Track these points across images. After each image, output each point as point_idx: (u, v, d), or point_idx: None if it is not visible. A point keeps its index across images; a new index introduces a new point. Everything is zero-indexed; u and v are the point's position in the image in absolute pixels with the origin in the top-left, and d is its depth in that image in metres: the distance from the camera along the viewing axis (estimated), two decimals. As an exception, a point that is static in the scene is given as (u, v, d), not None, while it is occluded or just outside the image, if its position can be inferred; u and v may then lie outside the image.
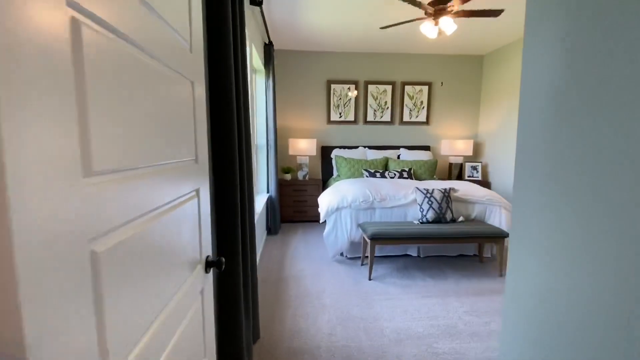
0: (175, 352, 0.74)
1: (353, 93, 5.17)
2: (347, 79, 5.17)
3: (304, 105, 5.16)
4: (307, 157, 4.89)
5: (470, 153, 5.20)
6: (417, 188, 3.27)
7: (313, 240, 4.04)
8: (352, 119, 5.25)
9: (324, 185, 5.12)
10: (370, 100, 5.25)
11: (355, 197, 3.26)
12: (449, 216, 3.19)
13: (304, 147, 4.77)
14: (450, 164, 5.30)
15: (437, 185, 3.63)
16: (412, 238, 2.90)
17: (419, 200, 3.21)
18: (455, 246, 3.45)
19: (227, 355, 1.43)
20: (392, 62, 5.23)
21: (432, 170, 4.73)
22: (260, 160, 4.21)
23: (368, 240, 2.90)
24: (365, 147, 5.22)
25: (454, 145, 5.15)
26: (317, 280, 2.92)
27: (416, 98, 5.32)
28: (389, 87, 5.24)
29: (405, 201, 3.28)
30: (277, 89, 5.07)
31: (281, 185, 4.74)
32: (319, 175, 5.32)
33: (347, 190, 3.40)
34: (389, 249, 3.45)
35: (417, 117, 5.37)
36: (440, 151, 5.49)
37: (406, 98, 5.30)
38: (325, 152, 5.19)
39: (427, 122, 5.39)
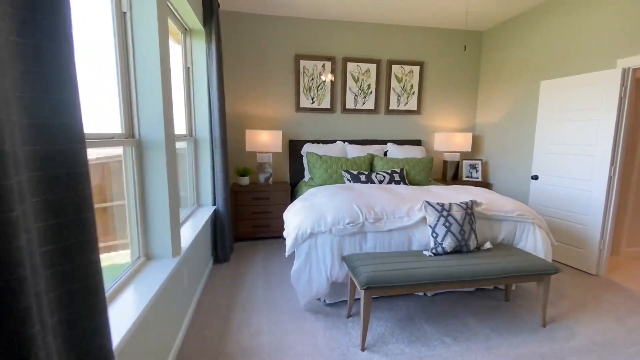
0: None
1: (328, 77, 4.06)
2: (321, 54, 4.05)
3: (266, 86, 3.97)
4: (270, 154, 3.74)
5: (468, 149, 4.31)
6: (428, 203, 2.25)
7: (278, 269, 2.92)
8: (328, 105, 4.15)
9: (293, 191, 3.99)
10: (350, 82, 4.17)
11: (337, 217, 2.19)
12: (472, 244, 2.21)
13: (265, 142, 3.61)
14: (445, 162, 4.39)
15: (453, 196, 2.64)
16: (427, 284, 1.88)
17: (431, 220, 2.20)
18: (473, 280, 2.49)
19: None
20: (377, 35, 4.17)
21: (428, 171, 3.78)
22: (201, 159, 3.00)
23: (360, 289, 1.84)
24: (344, 141, 4.16)
25: (449, 139, 4.23)
26: (279, 356, 1.83)
27: (405, 81, 4.33)
28: (372, 67, 4.19)
29: (409, 222, 2.26)
30: (228, 64, 3.84)
31: (235, 192, 3.56)
32: (286, 177, 4.19)
33: (326, 206, 2.32)
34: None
35: (406, 104, 4.38)
36: (433, 146, 4.56)
37: (393, 81, 4.29)
38: (294, 147, 4.06)
39: (417, 111, 4.42)
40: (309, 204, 2.42)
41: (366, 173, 3.41)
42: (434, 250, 2.16)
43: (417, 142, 4.41)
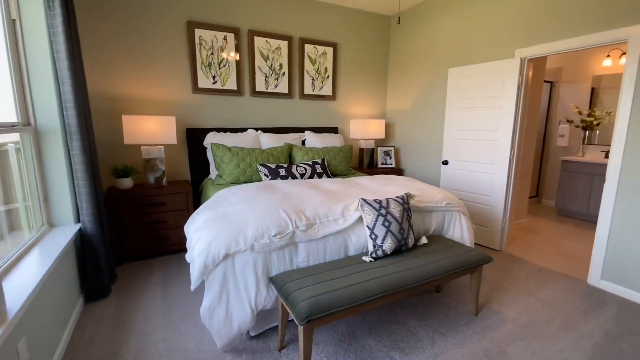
0: None
1: (231, 56, 3.40)
2: (221, 23, 3.34)
3: (150, 59, 3.08)
4: (161, 147, 2.93)
5: (382, 136, 4.28)
6: (365, 201, 1.95)
7: (182, 297, 2.27)
8: (234, 87, 3.50)
9: (197, 193, 3.27)
10: (259, 60, 3.59)
11: (261, 229, 1.70)
12: (411, 241, 2.02)
13: (153, 131, 2.79)
14: (362, 150, 4.28)
15: (382, 189, 2.42)
16: (374, 299, 1.58)
17: (369, 220, 1.91)
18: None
19: None
20: (287, 8, 3.68)
21: (348, 160, 3.56)
22: (48, 159, 2.06)
23: (299, 324, 1.42)
24: (257, 129, 3.60)
25: (365, 126, 4.11)
26: None
27: (319, 63, 3.98)
28: (284, 44, 3.70)
29: (345, 224, 1.93)
30: (91, 25, 2.80)
31: (113, 200, 2.67)
32: (186, 174, 3.41)
33: (244, 215, 1.79)
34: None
35: (321, 89, 4.06)
36: (349, 134, 4.39)
37: (307, 62, 3.90)
38: (193, 137, 3.30)
39: (333, 97, 4.16)
40: (221, 213, 1.85)
41: (285, 166, 2.96)
42: (373, 255, 1.89)
43: (334, 130, 4.17)
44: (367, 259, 1.86)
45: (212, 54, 3.32)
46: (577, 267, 2.85)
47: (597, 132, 4.44)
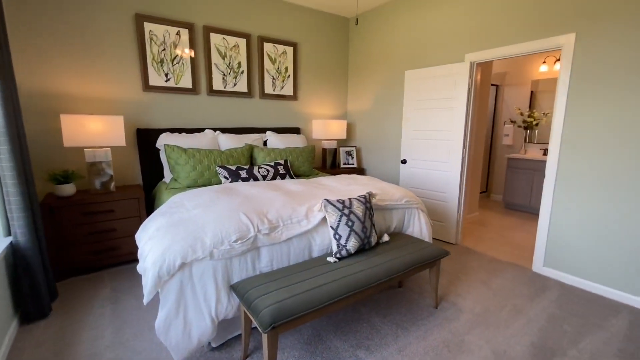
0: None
1: (185, 52, 3.23)
2: (174, 17, 3.16)
3: (94, 53, 2.82)
4: (108, 149, 2.69)
5: (344, 136, 4.33)
6: (328, 201, 1.94)
7: (135, 311, 2.10)
8: (189, 85, 3.33)
9: (150, 198, 3.07)
10: (216, 57, 3.45)
11: (220, 235, 1.62)
12: (373, 239, 2.05)
13: (98, 132, 2.55)
14: (325, 150, 4.29)
15: (345, 188, 2.43)
16: (339, 300, 1.57)
17: (333, 221, 1.91)
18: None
19: None
20: (245, 5, 3.57)
21: (311, 160, 3.55)
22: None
23: (263, 331, 1.37)
24: (215, 130, 3.45)
25: (327, 126, 4.13)
26: None
27: (280, 63, 3.93)
28: (242, 42, 3.59)
29: (309, 226, 1.90)
30: (25, 16, 2.50)
31: (53, 208, 2.40)
32: (136, 179, 3.18)
33: (201, 220, 1.70)
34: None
35: (282, 88, 4.00)
36: (311, 134, 4.38)
37: (267, 61, 3.82)
38: (145, 139, 3.08)
39: (294, 97, 4.12)
40: (176, 219, 1.74)
41: (246, 168, 2.87)
42: (338, 255, 1.89)
43: (297, 130, 4.13)
44: (331, 259, 1.85)
45: (164, 49, 3.13)
46: (523, 256, 3.09)
47: (537, 131, 4.87)
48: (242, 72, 3.65)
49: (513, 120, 5.12)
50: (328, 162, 4.29)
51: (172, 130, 3.19)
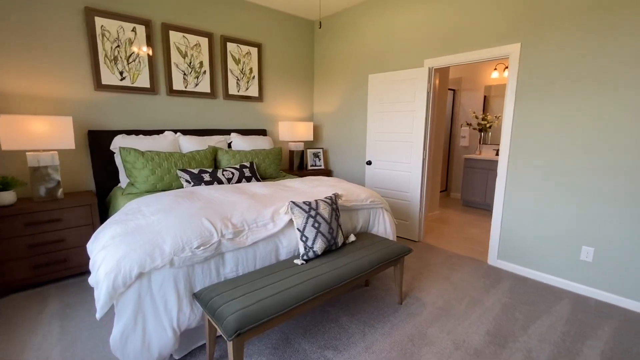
0: None
1: (143, 50, 3.07)
2: (129, 12, 2.99)
3: (37, 48, 2.59)
4: (54, 152, 2.48)
5: (310, 138, 4.35)
6: (294, 203, 1.94)
7: (87, 329, 1.94)
8: (147, 84, 3.17)
9: (104, 205, 2.87)
10: (176, 56, 3.31)
11: (181, 241, 1.55)
12: (340, 240, 2.08)
13: (44, 134, 2.34)
14: (292, 152, 4.28)
15: (312, 190, 2.43)
16: (306, 302, 1.57)
17: (299, 223, 1.91)
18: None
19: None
20: (206, 3, 3.47)
21: (278, 162, 3.53)
22: None
23: (227, 339, 1.34)
24: (176, 131, 3.31)
25: (294, 128, 4.12)
26: None
27: (244, 63, 3.86)
28: (203, 41, 3.49)
29: (275, 228, 1.89)
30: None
31: (-13, 218, 2.16)
32: (88, 184, 2.96)
33: (160, 227, 1.62)
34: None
35: (247, 89, 3.93)
36: (278, 136, 4.35)
37: (230, 61, 3.74)
38: (97, 141, 2.88)
39: (259, 98, 4.07)
40: (133, 226, 1.64)
41: (210, 171, 2.78)
42: (305, 257, 1.89)
43: (263, 132, 4.08)
44: (298, 261, 1.85)
45: (118, 46, 2.95)
46: (480, 250, 3.29)
47: (490, 133, 5.22)
48: (205, 72, 3.54)
49: (469, 123, 5.44)
50: (295, 164, 4.29)
51: (129, 132, 3.01)
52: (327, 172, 4.45)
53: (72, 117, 2.63)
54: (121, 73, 3.00)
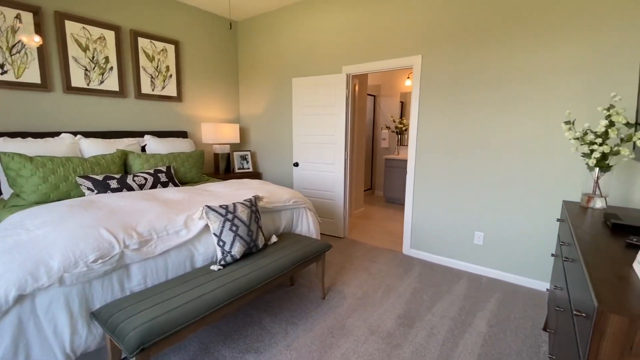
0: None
1: (35, 41, 2.67)
2: (8, -4, 2.57)
3: None
4: None
5: (237, 140, 4.26)
6: (209, 207, 1.88)
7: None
8: (37, 79, 2.76)
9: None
10: (74, 49, 2.95)
11: (73, 255, 1.40)
12: (261, 242, 2.09)
13: None
14: (217, 155, 4.14)
15: (233, 193, 2.39)
16: (221, 308, 1.55)
17: (216, 228, 1.86)
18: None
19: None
20: (109, -7, 3.16)
21: (200, 166, 3.38)
22: None
23: (129, 356, 1.25)
24: (76, 134, 2.94)
25: (218, 130, 3.99)
26: None
27: (159, 61, 3.61)
28: (109, 34, 3.17)
29: (188, 235, 1.81)
30: None
31: None
32: (-42, 196, 2.45)
33: (47, 240, 1.43)
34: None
35: (163, 89, 3.68)
36: (201, 138, 4.16)
37: (143, 58, 3.46)
38: (-32, 145, 2.41)
39: (178, 98, 3.85)
40: (11, 243, 1.42)
41: (118, 177, 2.54)
42: (222, 262, 1.86)
43: (183, 134, 3.86)
44: (215, 267, 1.81)
45: (-6, 34, 2.51)
46: (396, 242, 3.60)
47: (406, 136, 5.74)
48: (112, 68, 3.21)
49: (388, 126, 5.91)
50: (221, 168, 4.15)
51: (12, 135, 2.58)
52: (256, 175, 4.41)
53: None
54: (2, 66, 2.56)
